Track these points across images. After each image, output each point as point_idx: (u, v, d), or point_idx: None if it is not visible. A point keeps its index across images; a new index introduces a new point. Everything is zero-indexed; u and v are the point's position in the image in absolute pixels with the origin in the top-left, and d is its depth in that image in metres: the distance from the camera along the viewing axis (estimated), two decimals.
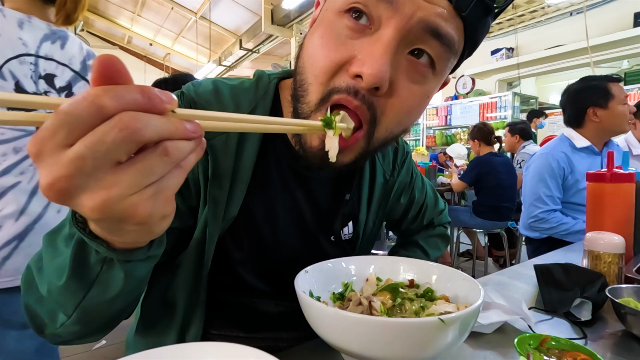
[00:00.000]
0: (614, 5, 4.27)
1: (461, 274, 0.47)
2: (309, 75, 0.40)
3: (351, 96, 0.37)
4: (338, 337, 0.36)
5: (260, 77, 0.53)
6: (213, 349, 0.32)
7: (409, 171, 0.70)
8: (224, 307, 0.55)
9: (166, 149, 0.22)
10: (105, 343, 2.01)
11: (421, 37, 0.37)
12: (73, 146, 0.20)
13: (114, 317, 0.39)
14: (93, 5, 7.28)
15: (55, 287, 0.32)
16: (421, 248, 0.75)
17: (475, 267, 3.14)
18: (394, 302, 0.45)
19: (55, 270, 0.32)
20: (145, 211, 0.23)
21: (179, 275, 0.50)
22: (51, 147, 0.20)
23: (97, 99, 0.20)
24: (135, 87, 0.21)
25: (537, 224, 1.60)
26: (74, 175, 0.20)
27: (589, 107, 1.55)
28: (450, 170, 3.26)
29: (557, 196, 1.57)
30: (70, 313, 0.34)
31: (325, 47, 0.38)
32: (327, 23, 0.39)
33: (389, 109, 0.39)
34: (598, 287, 0.60)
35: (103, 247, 0.28)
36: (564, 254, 1.02)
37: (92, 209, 0.21)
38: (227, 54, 6.86)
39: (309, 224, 0.57)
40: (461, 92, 6.01)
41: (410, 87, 0.39)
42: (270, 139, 0.52)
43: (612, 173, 0.79)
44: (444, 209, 0.82)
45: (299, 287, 0.40)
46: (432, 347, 0.34)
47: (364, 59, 0.35)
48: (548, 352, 0.43)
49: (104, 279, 0.32)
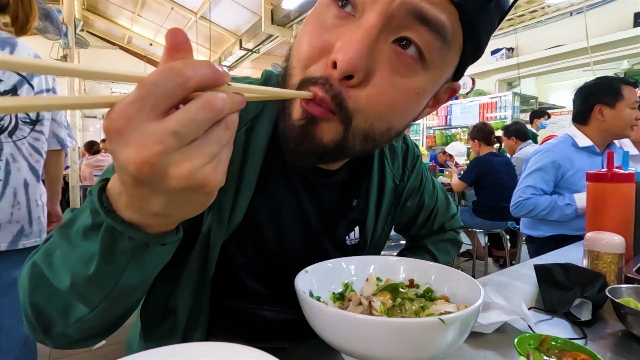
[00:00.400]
0: (614, 5, 4.27)
1: (461, 274, 0.47)
2: (293, 60, 0.39)
3: (322, 86, 0.35)
4: (338, 337, 0.36)
5: (268, 76, 0.52)
6: (213, 349, 0.32)
7: (419, 175, 0.68)
8: (227, 314, 0.55)
9: (227, 122, 0.24)
10: (105, 343, 2.01)
11: (406, 23, 0.34)
12: (165, 122, 0.22)
13: (126, 312, 0.40)
14: (93, 5, 7.28)
15: (82, 277, 0.32)
16: (430, 253, 0.73)
17: (475, 267, 3.14)
18: (394, 302, 0.45)
19: (80, 262, 0.32)
20: (216, 179, 0.25)
21: (181, 282, 0.50)
22: (139, 119, 0.22)
23: (183, 71, 0.22)
24: (205, 63, 0.23)
25: (517, 210, 1.64)
26: (168, 151, 0.22)
27: (597, 104, 1.54)
28: (450, 170, 3.26)
29: (543, 189, 1.58)
30: (97, 304, 0.33)
31: (310, 34, 0.37)
32: (316, 12, 0.39)
33: (365, 99, 0.36)
34: (598, 287, 0.60)
35: (141, 232, 0.29)
36: (564, 254, 1.02)
37: (179, 179, 0.23)
38: (227, 54, 6.87)
39: (314, 230, 0.56)
40: (461, 92, 6.01)
41: (392, 79, 0.36)
42: (278, 144, 0.48)
43: (612, 173, 0.79)
44: (455, 214, 0.79)
45: (299, 287, 0.40)
46: (432, 347, 0.34)
47: (342, 45, 0.34)
48: (548, 352, 0.43)
49: (134, 264, 0.32)
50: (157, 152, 0.22)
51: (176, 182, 0.23)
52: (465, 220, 2.90)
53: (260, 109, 0.49)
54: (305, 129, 0.38)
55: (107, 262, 0.31)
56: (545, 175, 1.57)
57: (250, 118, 0.49)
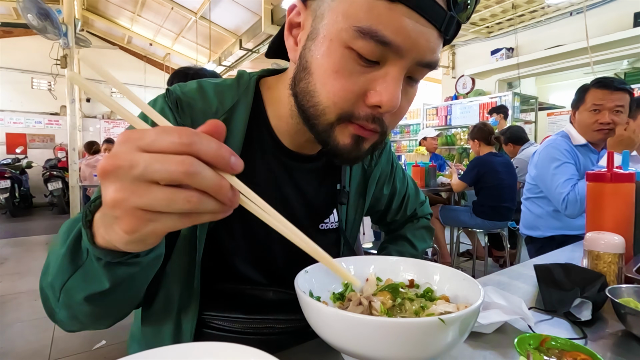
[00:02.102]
0: (614, 5, 4.27)
1: (461, 274, 0.47)
2: (324, 99, 0.44)
3: (369, 122, 0.45)
4: (338, 337, 0.36)
5: (241, 75, 0.57)
6: (213, 349, 0.32)
7: (390, 161, 0.75)
8: (220, 296, 0.57)
9: (192, 198, 0.25)
10: (105, 343, 2.01)
11: (417, 70, 0.44)
12: (154, 191, 0.25)
13: (104, 313, 0.43)
14: (93, 5, 7.28)
15: (55, 267, 0.38)
16: (409, 241, 0.78)
17: (475, 267, 3.14)
18: (394, 302, 0.45)
19: (60, 255, 0.37)
20: (138, 228, 0.26)
21: (172, 262, 0.52)
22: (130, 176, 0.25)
23: (184, 140, 0.25)
24: (224, 148, 0.26)
25: (570, 210, 1.49)
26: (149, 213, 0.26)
27: (572, 108, 1.63)
28: (450, 170, 3.26)
29: (575, 173, 1.54)
30: (58, 295, 0.38)
31: (341, 79, 0.42)
32: (339, 55, 0.42)
33: (391, 120, 0.47)
34: (598, 287, 0.60)
35: (100, 249, 0.33)
36: (564, 254, 1.02)
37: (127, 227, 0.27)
38: (227, 54, 6.86)
39: (296, 213, 0.59)
40: (461, 92, 6.01)
41: (404, 101, 0.46)
42: (255, 129, 0.55)
43: (612, 173, 0.79)
44: (424, 201, 0.87)
45: (299, 287, 0.40)
46: (432, 347, 0.34)
47: (381, 92, 0.42)
48: (548, 352, 0.43)
49: (88, 267, 0.36)
50: (139, 223, 0.26)
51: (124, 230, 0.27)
52: (465, 220, 2.90)
53: (235, 101, 0.53)
54: (357, 146, 0.47)
55: (70, 256, 0.36)
56: (567, 163, 1.55)
57: (227, 109, 0.52)
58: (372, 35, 0.39)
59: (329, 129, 0.46)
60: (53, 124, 8.10)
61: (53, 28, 4.20)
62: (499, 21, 5.17)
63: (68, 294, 0.38)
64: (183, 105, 0.50)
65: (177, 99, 0.50)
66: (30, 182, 7.23)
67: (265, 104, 0.57)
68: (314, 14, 0.44)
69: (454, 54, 6.34)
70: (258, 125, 0.55)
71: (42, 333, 2.13)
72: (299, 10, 0.47)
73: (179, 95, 0.51)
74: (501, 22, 5.22)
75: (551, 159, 1.58)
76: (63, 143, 7.67)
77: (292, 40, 0.48)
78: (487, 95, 5.42)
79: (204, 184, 0.25)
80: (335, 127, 0.46)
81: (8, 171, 6.38)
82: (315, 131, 0.47)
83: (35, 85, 7.92)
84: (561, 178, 1.53)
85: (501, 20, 5.12)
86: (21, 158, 7.15)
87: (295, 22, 0.48)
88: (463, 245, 3.45)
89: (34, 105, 7.91)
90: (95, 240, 0.32)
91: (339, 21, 0.41)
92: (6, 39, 7.46)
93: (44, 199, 7.37)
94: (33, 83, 7.89)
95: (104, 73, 0.27)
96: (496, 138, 2.91)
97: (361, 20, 0.39)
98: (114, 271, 0.35)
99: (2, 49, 7.36)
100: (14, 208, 6.51)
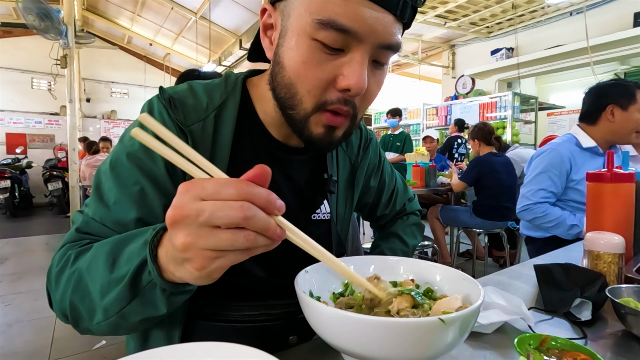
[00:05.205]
0: (614, 5, 4.27)
1: (461, 274, 0.47)
2: (300, 89, 0.48)
3: (342, 104, 0.48)
4: (338, 337, 0.36)
5: (228, 75, 0.61)
6: (213, 349, 0.32)
7: (377, 154, 0.78)
8: (214, 286, 0.56)
9: (249, 237, 0.30)
10: (105, 343, 2.01)
11: (380, 53, 0.47)
12: (218, 233, 0.29)
13: (138, 326, 0.45)
14: (93, 5, 7.28)
15: (107, 293, 0.40)
16: (400, 238, 0.80)
17: (475, 267, 3.14)
18: (413, 310, 0.42)
19: (113, 281, 0.40)
20: (211, 267, 0.31)
21: None
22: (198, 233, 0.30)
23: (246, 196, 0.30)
24: (272, 195, 0.31)
25: (523, 214, 1.62)
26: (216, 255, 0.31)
27: (610, 104, 1.51)
28: (450, 170, 3.25)
29: (554, 192, 1.55)
30: (110, 316, 0.41)
31: (312, 68, 0.46)
32: (306, 47, 0.46)
33: (362, 102, 0.51)
34: (598, 287, 0.60)
35: (163, 280, 0.37)
36: (564, 254, 1.02)
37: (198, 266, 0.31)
38: (227, 54, 6.86)
39: (288, 204, 0.58)
40: (461, 92, 6.01)
41: (373, 85, 0.50)
42: (244, 124, 0.58)
43: (612, 173, 0.79)
44: (413, 197, 0.90)
45: (299, 287, 0.40)
46: (432, 347, 0.34)
47: (348, 76, 0.45)
48: (548, 352, 0.43)
49: (147, 296, 0.40)
50: (210, 263, 0.31)
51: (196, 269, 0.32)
52: (465, 220, 2.90)
53: (224, 99, 0.57)
54: (329, 134, 0.51)
55: (130, 287, 0.39)
56: (553, 176, 1.54)
57: (217, 105, 0.56)
58: (331, 25, 0.43)
59: (304, 120, 0.49)
60: (53, 124, 8.11)
61: (54, 28, 4.19)
62: (499, 21, 5.17)
63: (123, 317, 0.41)
64: (176, 103, 0.54)
65: (169, 97, 0.54)
66: (30, 182, 7.23)
67: (253, 101, 0.60)
68: (282, 14, 0.48)
69: (454, 54, 6.34)
70: (247, 120, 0.58)
71: (42, 333, 2.13)
72: (270, 13, 0.51)
73: (171, 94, 0.54)
74: (501, 22, 5.22)
75: (547, 164, 1.57)
76: (63, 143, 7.67)
77: (268, 41, 0.53)
78: (487, 95, 5.42)
79: (258, 225, 0.30)
80: (310, 117, 0.49)
81: (8, 171, 6.38)
82: (292, 121, 0.51)
83: (35, 85, 7.91)
84: (536, 187, 1.57)
85: (501, 20, 5.12)
86: (21, 158, 7.15)
87: (268, 24, 0.52)
88: (463, 245, 3.45)
89: (34, 105, 7.91)
90: (163, 274, 0.36)
91: (302, 16, 0.45)
92: (6, 39, 7.46)
93: (44, 199, 7.37)
94: (33, 83, 7.89)
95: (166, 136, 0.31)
96: (496, 138, 2.91)
97: (321, 13, 0.43)
98: (173, 299, 0.40)
99: (2, 49, 7.36)
100: (14, 208, 6.51)
